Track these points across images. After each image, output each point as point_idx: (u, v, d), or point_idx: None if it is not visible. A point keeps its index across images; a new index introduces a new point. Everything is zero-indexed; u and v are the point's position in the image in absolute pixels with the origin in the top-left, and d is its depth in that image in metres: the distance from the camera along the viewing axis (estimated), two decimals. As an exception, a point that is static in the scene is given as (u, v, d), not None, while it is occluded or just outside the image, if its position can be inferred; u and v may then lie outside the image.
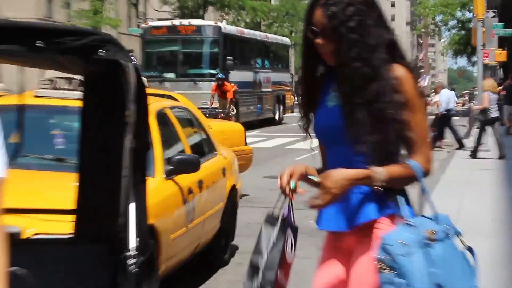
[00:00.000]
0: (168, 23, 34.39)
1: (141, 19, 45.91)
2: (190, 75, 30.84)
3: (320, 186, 3.60)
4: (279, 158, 21.84)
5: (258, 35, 39.91)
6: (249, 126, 33.39)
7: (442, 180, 16.51)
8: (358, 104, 3.47)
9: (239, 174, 10.16)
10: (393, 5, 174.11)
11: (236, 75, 31.91)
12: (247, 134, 27.93)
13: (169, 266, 7.25)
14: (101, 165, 4.56)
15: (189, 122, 9.38)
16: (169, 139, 8.20)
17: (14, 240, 3.93)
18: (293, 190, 3.74)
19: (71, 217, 4.74)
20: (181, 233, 7.49)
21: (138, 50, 34.09)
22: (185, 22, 34.03)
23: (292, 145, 26.09)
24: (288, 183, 3.77)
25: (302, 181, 3.78)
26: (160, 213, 6.84)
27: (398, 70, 3.51)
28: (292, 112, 43.94)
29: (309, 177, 3.73)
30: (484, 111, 21.14)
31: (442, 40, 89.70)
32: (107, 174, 4.43)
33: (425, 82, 37.77)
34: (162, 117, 8.10)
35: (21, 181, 6.04)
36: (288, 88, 42.53)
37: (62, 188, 5.89)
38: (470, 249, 3.50)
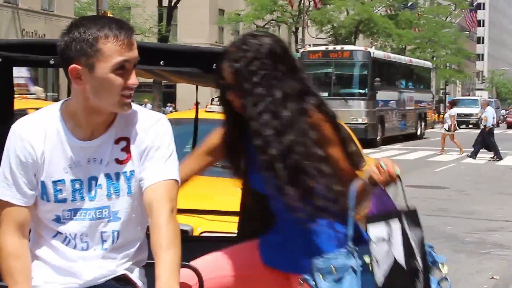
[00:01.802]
0: (323, 48, 34.48)
1: (300, 45, 46.11)
2: (341, 94, 30.72)
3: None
4: (420, 169, 21.46)
5: (403, 59, 39.48)
6: (393, 140, 33.05)
7: None
8: (273, 156, 3.12)
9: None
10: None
11: (383, 95, 31.72)
12: (391, 147, 27.63)
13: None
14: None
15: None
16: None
17: (186, 237, 3.93)
18: (398, 176, 3.23)
19: (235, 218, 4.73)
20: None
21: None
22: (338, 47, 34.05)
23: (432, 157, 25.63)
24: (393, 170, 3.21)
25: None
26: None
27: (314, 117, 3.17)
28: (433, 128, 43.29)
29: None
30: None
31: None
32: None
33: None
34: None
35: (192, 185, 6.11)
36: (429, 106, 42.01)
37: (228, 193, 5.92)
38: None
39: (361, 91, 31.19)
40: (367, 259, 3.05)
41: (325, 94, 30.45)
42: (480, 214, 13.27)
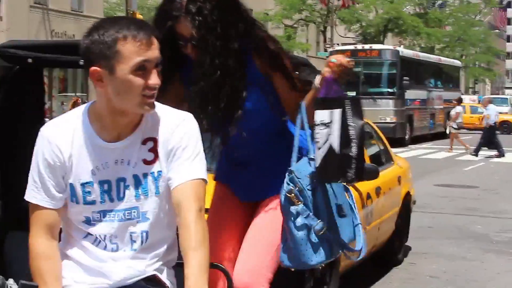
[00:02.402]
0: (351, 47, 34.35)
1: (328, 44, 46.04)
2: (370, 93, 30.59)
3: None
4: (448, 168, 21.35)
5: (432, 58, 39.24)
6: (422, 139, 32.87)
7: None
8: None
9: (412, 182, 9.97)
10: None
11: (411, 94, 31.56)
12: (420, 146, 27.48)
13: (349, 263, 7.17)
14: None
15: (369, 135, 9.27)
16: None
17: None
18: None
19: None
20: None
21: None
22: (367, 46, 33.90)
23: (461, 156, 25.48)
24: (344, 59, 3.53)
25: None
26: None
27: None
28: (462, 127, 43.00)
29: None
30: None
31: None
32: None
33: None
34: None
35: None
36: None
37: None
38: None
39: (389, 90, 31.05)
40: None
41: (353, 93, 30.37)
42: (510, 213, 13.17)
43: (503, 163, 23.34)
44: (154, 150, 2.87)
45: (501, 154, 25.42)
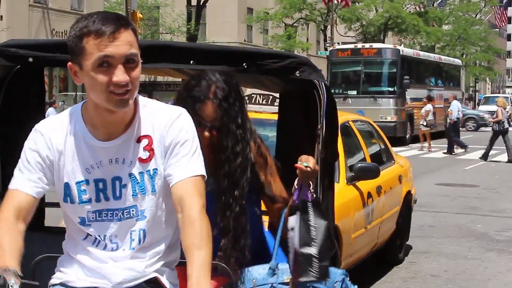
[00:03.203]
0: (352, 46, 34.34)
1: (329, 43, 45.98)
2: (370, 92, 30.60)
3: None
4: (449, 167, 21.34)
5: (432, 56, 39.22)
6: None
7: None
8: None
9: (413, 181, 9.97)
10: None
11: (412, 93, 31.53)
12: (422, 145, 27.48)
13: (349, 262, 7.18)
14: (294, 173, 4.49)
15: (370, 134, 9.28)
16: (352, 148, 8.14)
17: None
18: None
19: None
20: (361, 233, 7.41)
21: (325, 70, 34.20)
22: (367, 45, 33.88)
23: (461, 156, 25.46)
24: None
25: None
26: (342, 215, 6.78)
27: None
28: (463, 126, 42.99)
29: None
30: (499, 122, 23.59)
31: None
32: None
33: None
34: (346, 129, 8.04)
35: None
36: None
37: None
38: None
39: (390, 89, 31.04)
40: (287, 279, 3.58)
41: (354, 92, 30.47)
42: (510, 212, 13.17)
43: (503, 162, 23.33)
44: (149, 148, 2.83)
45: (449, 151, 25.98)
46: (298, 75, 3.84)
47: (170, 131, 2.83)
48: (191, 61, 3.77)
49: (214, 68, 3.79)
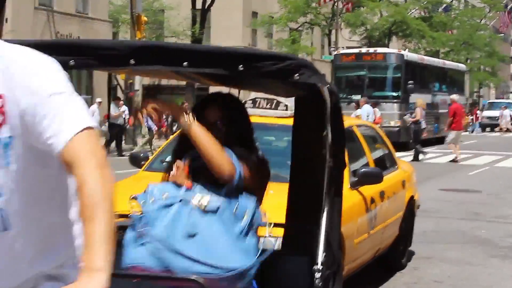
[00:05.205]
0: (356, 51, 34.35)
1: (333, 47, 45.96)
2: (374, 97, 30.59)
3: None
4: (453, 173, 21.30)
5: (437, 61, 39.20)
6: (427, 143, 32.82)
7: None
8: None
9: (417, 186, 9.94)
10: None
11: (416, 98, 31.47)
12: (425, 150, 27.45)
13: (352, 267, 7.15)
14: (308, 180, 4.33)
15: (374, 139, 9.25)
16: (355, 153, 8.10)
17: None
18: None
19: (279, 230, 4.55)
20: (364, 238, 7.38)
21: (329, 74, 34.20)
22: (372, 50, 33.90)
23: (466, 161, 25.41)
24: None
25: None
26: (346, 220, 6.73)
27: None
28: (466, 131, 42.91)
29: None
30: (416, 122, 25.25)
31: None
32: (313, 189, 4.18)
33: None
34: (350, 134, 8.01)
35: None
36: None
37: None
38: None
39: (394, 94, 31.04)
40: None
41: (358, 97, 30.42)
42: (514, 218, 13.14)
43: (508, 167, 23.28)
44: (1, 110, 2.26)
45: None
46: (297, 78, 3.59)
47: (31, 85, 2.24)
48: (184, 63, 3.58)
49: (208, 71, 3.69)
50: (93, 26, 36.28)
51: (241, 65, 3.56)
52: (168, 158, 7.69)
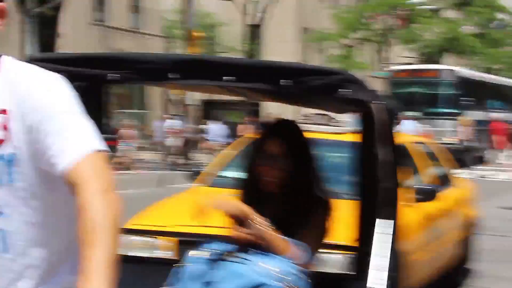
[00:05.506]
0: (409, 67, 34.16)
1: (385, 63, 45.78)
2: (428, 114, 30.32)
3: None
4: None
5: (491, 78, 38.73)
6: (481, 160, 32.37)
7: None
8: None
9: (475, 204, 9.76)
10: None
11: (470, 115, 31.15)
12: (481, 167, 27.06)
13: (410, 285, 7.02)
14: (370, 199, 3.99)
15: (429, 155, 9.08)
16: (409, 170, 7.96)
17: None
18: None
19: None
20: (422, 255, 7.24)
21: (382, 90, 34.02)
22: (424, 66, 33.76)
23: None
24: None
25: None
26: (403, 236, 6.60)
27: None
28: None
29: None
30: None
31: None
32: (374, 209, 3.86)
33: None
34: (403, 151, 7.87)
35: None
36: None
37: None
38: None
39: (447, 110, 30.71)
40: None
41: (411, 113, 30.18)
42: None
43: None
44: (4, 126, 2.19)
45: None
46: (343, 93, 3.38)
47: (38, 102, 2.18)
48: (225, 77, 3.42)
49: (251, 86, 3.55)
50: (146, 42, 36.59)
51: (283, 80, 3.38)
52: (225, 173, 7.71)
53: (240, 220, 3.46)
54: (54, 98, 2.19)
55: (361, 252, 4.16)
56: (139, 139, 28.90)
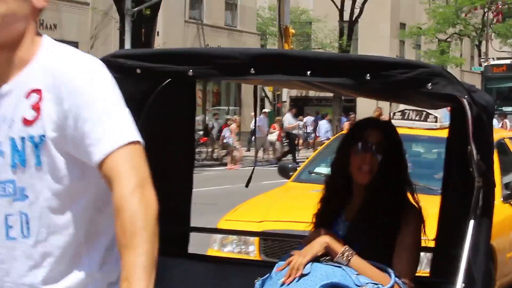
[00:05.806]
0: (508, 61, 33.43)
1: (483, 58, 44.88)
2: (525, 110, 29.63)
3: None
4: None
5: None
6: None
7: None
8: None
9: None
10: None
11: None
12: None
13: (504, 282, 6.95)
14: (459, 199, 3.85)
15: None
16: (507, 166, 7.84)
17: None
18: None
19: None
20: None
21: (479, 86, 33.40)
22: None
23: None
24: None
25: None
26: (498, 233, 6.52)
27: None
28: None
29: None
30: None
31: None
32: (463, 209, 3.63)
33: None
34: (501, 147, 7.78)
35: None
36: None
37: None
38: None
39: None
40: None
41: (510, 109, 29.53)
42: None
43: None
44: (36, 106, 2.12)
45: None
46: (430, 87, 3.24)
47: (75, 87, 2.10)
48: (308, 72, 3.33)
49: (332, 81, 3.49)
50: (241, 39, 36.86)
51: (368, 74, 3.27)
52: (317, 169, 7.75)
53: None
54: (95, 85, 2.10)
55: (441, 253, 4.06)
56: (237, 136, 29.15)
